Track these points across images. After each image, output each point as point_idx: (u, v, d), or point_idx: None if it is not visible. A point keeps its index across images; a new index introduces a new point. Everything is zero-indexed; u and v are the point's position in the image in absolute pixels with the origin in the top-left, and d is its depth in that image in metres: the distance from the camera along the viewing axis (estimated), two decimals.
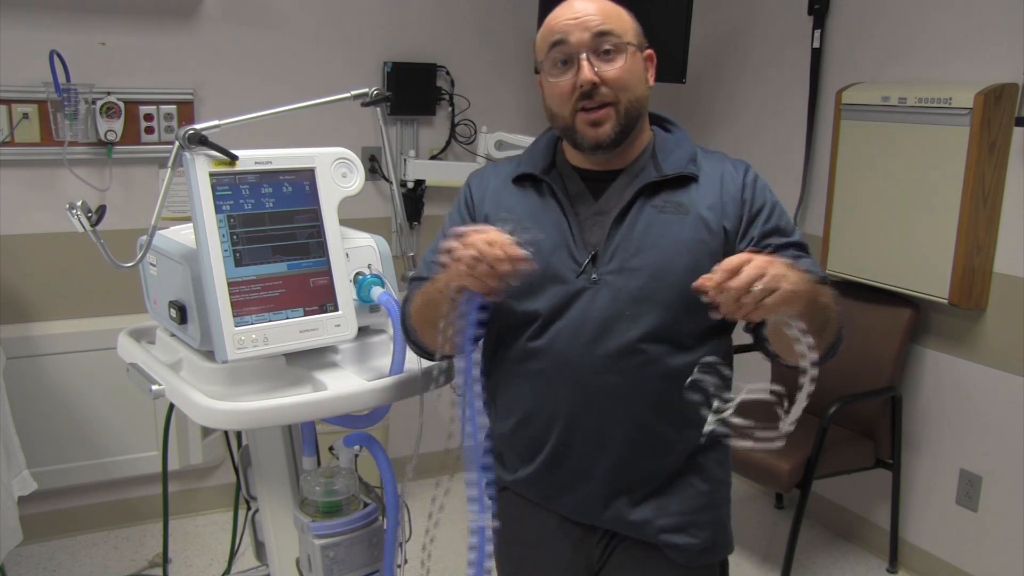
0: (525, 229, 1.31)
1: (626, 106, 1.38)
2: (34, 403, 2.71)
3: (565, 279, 1.39)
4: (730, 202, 1.42)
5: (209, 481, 3.13)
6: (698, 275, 1.26)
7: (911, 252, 2.70)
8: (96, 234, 1.33)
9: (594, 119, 1.37)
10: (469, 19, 3.27)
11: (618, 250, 1.39)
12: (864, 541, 3.07)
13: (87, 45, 2.73)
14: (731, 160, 1.48)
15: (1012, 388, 2.58)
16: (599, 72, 1.35)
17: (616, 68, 1.36)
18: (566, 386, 1.40)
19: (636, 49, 1.39)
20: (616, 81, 1.36)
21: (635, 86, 1.38)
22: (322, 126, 2.45)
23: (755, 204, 1.43)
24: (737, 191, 1.43)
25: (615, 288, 1.38)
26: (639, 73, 1.40)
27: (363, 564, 1.55)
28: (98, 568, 2.79)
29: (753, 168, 1.48)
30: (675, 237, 1.38)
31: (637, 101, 1.39)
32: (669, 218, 1.40)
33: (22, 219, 2.75)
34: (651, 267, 1.37)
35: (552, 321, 1.40)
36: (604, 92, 1.36)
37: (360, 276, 1.51)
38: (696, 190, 1.42)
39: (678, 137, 1.49)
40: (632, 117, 1.39)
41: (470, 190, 1.54)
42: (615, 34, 1.36)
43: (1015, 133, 2.50)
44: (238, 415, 1.34)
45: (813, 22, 3.03)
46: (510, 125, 3.26)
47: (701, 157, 1.47)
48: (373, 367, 1.56)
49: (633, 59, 1.38)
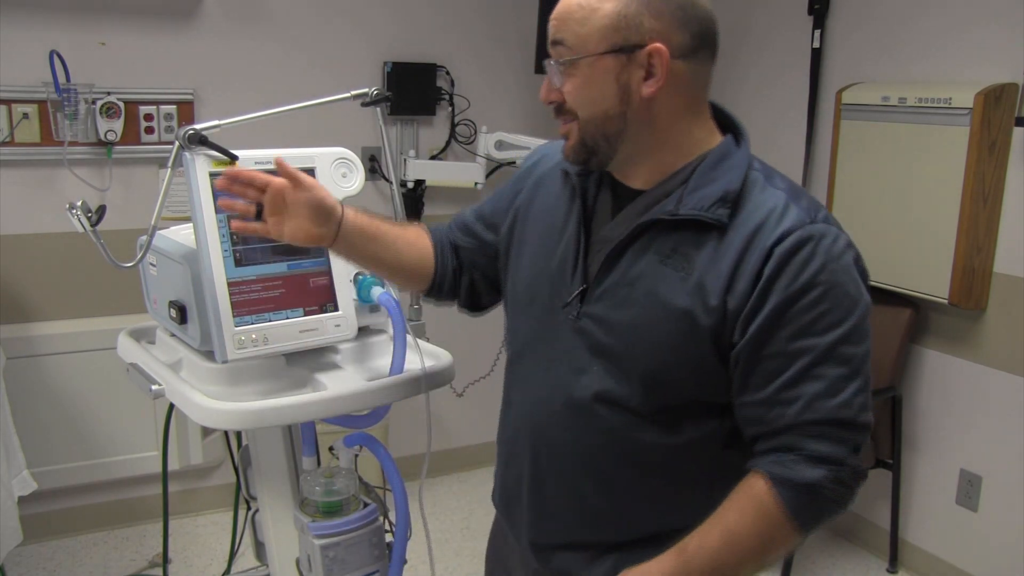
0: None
1: (584, 126, 1.14)
2: (34, 403, 2.71)
3: (553, 305, 1.22)
4: (745, 274, 1.07)
5: (209, 481, 3.13)
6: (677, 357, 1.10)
7: (911, 252, 2.70)
8: (96, 234, 1.33)
9: (562, 132, 1.18)
10: (469, 19, 3.27)
11: (606, 294, 1.17)
12: (864, 541, 3.07)
13: (87, 45, 2.73)
14: (792, 202, 1.10)
15: (1012, 388, 2.58)
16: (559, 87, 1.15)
17: (568, 85, 1.13)
18: (524, 430, 1.26)
19: (599, 57, 1.11)
20: (570, 99, 1.14)
21: (593, 102, 1.13)
22: (322, 126, 2.44)
23: (775, 285, 1.06)
24: (759, 260, 1.07)
25: (592, 338, 1.18)
26: (601, 87, 1.12)
27: (363, 564, 1.54)
28: (98, 568, 2.79)
29: (822, 225, 1.07)
30: (665, 300, 1.11)
31: (598, 120, 1.13)
32: (668, 274, 1.12)
33: (22, 219, 2.75)
34: (630, 328, 1.15)
35: (528, 349, 1.27)
36: (566, 108, 1.15)
37: (360, 276, 1.51)
38: (716, 245, 1.10)
39: (735, 160, 1.14)
40: (596, 137, 1.14)
41: (534, 159, 1.38)
42: (566, 44, 1.12)
43: (1015, 133, 2.50)
44: (238, 415, 1.34)
45: (813, 22, 3.03)
46: (510, 125, 3.26)
47: (757, 192, 1.11)
48: (373, 367, 1.56)
49: (591, 71, 1.11)
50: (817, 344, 1.06)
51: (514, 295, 1.32)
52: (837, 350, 1.07)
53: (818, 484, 1.06)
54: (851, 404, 1.07)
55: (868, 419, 1.10)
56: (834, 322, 1.06)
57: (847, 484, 1.09)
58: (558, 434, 1.21)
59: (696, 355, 1.11)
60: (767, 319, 1.06)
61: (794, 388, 1.07)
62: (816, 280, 1.06)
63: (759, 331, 1.07)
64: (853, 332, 1.08)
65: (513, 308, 1.32)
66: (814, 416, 1.07)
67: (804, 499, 1.07)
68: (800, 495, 1.07)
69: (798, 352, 1.07)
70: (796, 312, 1.06)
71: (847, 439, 1.08)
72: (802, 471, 1.07)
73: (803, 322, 1.06)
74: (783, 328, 1.07)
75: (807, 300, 1.06)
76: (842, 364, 1.07)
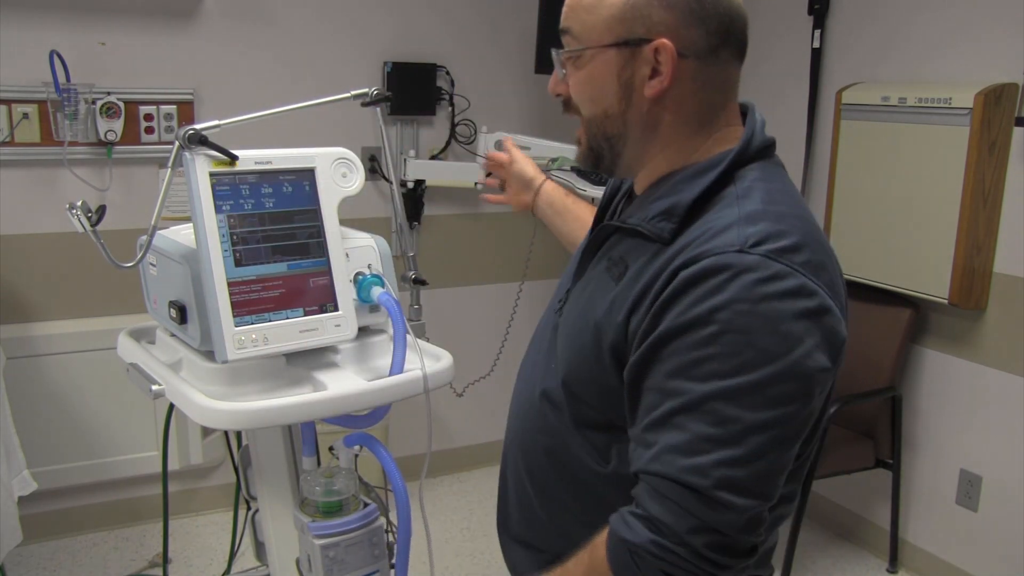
0: None
1: (587, 126, 1.07)
2: (34, 403, 2.71)
3: (553, 306, 1.23)
4: (652, 293, 0.96)
5: (209, 481, 3.13)
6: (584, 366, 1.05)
7: (911, 252, 2.70)
8: (96, 234, 1.33)
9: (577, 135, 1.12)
10: (469, 19, 3.27)
11: (572, 293, 1.16)
12: (864, 541, 3.07)
13: (87, 45, 2.73)
14: (728, 228, 0.94)
15: (1012, 388, 2.58)
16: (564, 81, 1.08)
17: (572, 80, 1.06)
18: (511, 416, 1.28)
19: (602, 50, 1.02)
20: (574, 95, 1.07)
21: (594, 100, 1.05)
22: (322, 126, 2.45)
23: (667, 311, 0.93)
24: (666, 280, 0.94)
25: (554, 337, 1.16)
26: (602, 83, 1.03)
27: (363, 564, 1.54)
28: (98, 568, 2.79)
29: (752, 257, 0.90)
30: (592, 306, 1.05)
31: (599, 120, 1.05)
32: (605, 282, 1.05)
33: (22, 219, 2.75)
34: (566, 330, 1.12)
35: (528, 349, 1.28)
36: (572, 106, 1.09)
37: (360, 276, 1.51)
38: (650, 259, 0.99)
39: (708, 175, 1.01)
40: (598, 139, 1.07)
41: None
42: (572, 33, 1.04)
43: (1015, 133, 2.50)
44: (238, 415, 1.33)
45: (813, 22, 3.03)
46: (510, 125, 3.26)
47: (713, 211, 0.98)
48: (373, 367, 1.55)
49: (593, 66, 1.03)
50: (690, 390, 0.90)
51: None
52: (710, 405, 0.89)
53: (638, 548, 0.91)
54: (706, 473, 0.88)
55: (730, 500, 0.88)
56: (718, 372, 0.89)
57: (679, 561, 0.90)
58: (517, 426, 1.23)
59: (599, 370, 1.03)
60: (651, 347, 0.94)
61: (655, 431, 0.93)
62: (713, 317, 0.89)
63: (642, 358, 0.95)
64: (747, 392, 0.88)
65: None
66: (659, 469, 0.91)
67: (623, 558, 0.93)
68: (620, 553, 0.94)
69: (671, 392, 0.92)
70: (680, 347, 0.91)
71: (690, 511, 0.89)
72: (630, 528, 0.93)
73: (684, 360, 0.91)
74: (665, 361, 0.93)
75: (695, 337, 0.90)
76: (714, 424, 0.89)
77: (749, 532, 0.91)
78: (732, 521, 0.89)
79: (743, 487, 0.89)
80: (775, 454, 0.91)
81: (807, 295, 0.91)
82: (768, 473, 0.91)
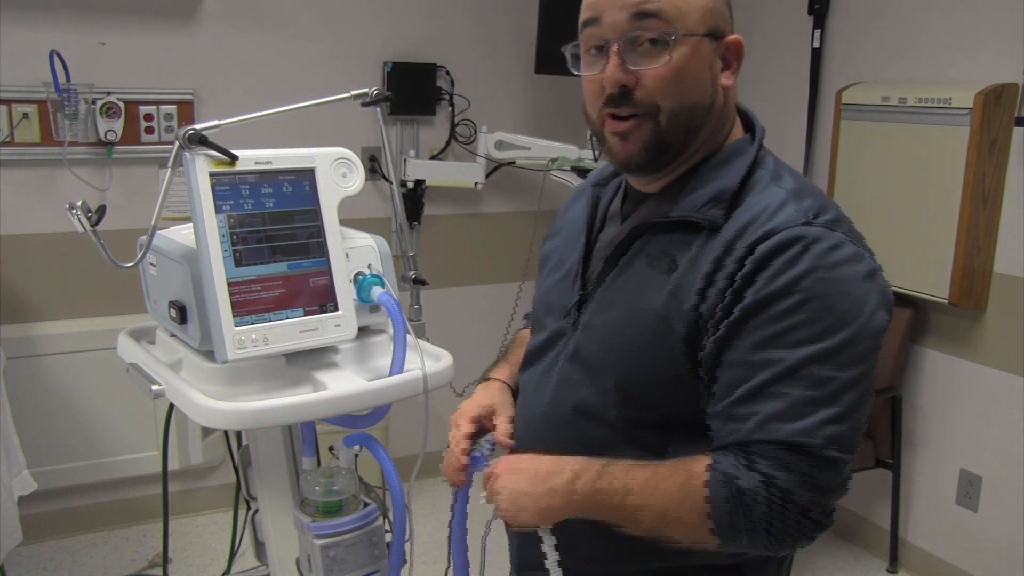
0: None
1: (668, 118, 1.01)
2: (34, 403, 2.71)
3: (555, 315, 1.19)
4: (722, 276, 0.98)
5: (209, 481, 3.13)
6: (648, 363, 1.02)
7: (911, 252, 2.70)
8: (96, 234, 1.33)
9: (620, 130, 1.04)
10: (469, 19, 3.27)
11: (596, 299, 1.11)
12: (864, 541, 3.07)
13: (87, 45, 2.73)
14: (785, 203, 0.99)
15: (1012, 388, 2.58)
16: (636, 70, 1.01)
17: (658, 67, 1.00)
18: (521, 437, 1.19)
19: (701, 38, 1.01)
20: (657, 83, 1.00)
21: (688, 90, 1.01)
22: (322, 126, 2.44)
23: (748, 287, 0.96)
24: (737, 261, 0.97)
25: (576, 345, 1.12)
26: (699, 72, 1.02)
27: (363, 564, 1.54)
28: (98, 568, 2.79)
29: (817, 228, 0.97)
30: (644, 304, 1.03)
31: (688, 111, 1.02)
32: (652, 277, 1.04)
33: (22, 219, 2.75)
34: (606, 331, 1.08)
35: (532, 360, 1.22)
36: (639, 97, 1.01)
37: (360, 276, 1.51)
38: (702, 246, 1.01)
39: (737, 161, 1.06)
40: (679, 132, 1.03)
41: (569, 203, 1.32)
42: (664, 17, 0.99)
43: (1015, 133, 2.50)
44: (238, 415, 1.34)
45: (813, 22, 3.03)
46: (510, 125, 3.26)
47: (758, 191, 1.02)
48: (373, 367, 1.56)
49: (691, 53, 1.01)
50: (784, 358, 0.94)
51: (534, 311, 1.31)
52: (807, 369, 0.93)
53: (749, 493, 0.94)
54: (815, 433, 0.93)
55: (838, 456, 0.94)
56: (808, 337, 0.94)
57: (787, 518, 0.94)
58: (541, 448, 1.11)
59: (667, 362, 1.02)
60: (733, 324, 0.96)
61: (750, 404, 0.95)
62: (795, 286, 0.94)
63: (724, 336, 0.97)
64: (836, 353, 0.94)
65: (533, 324, 1.30)
66: (766, 437, 0.94)
67: (726, 494, 0.95)
68: (723, 489, 0.95)
69: (761, 364, 0.95)
70: (765, 319, 0.95)
71: (802, 471, 0.93)
72: (742, 473, 0.95)
73: (771, 331, 0.95)
74: (748, 335, 0.96)
75: (780, 307, 0.94)
76: (813, 386, 0.93)
77: (843, 489, 0.97)
78: (835, 478, 0.95)
79: (846, 443, 0.95)
80: (863, 409, 0.97)
81: (860, 260, 0.98)
82: (860, 427, 0.97)
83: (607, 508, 0.99)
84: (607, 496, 0.98)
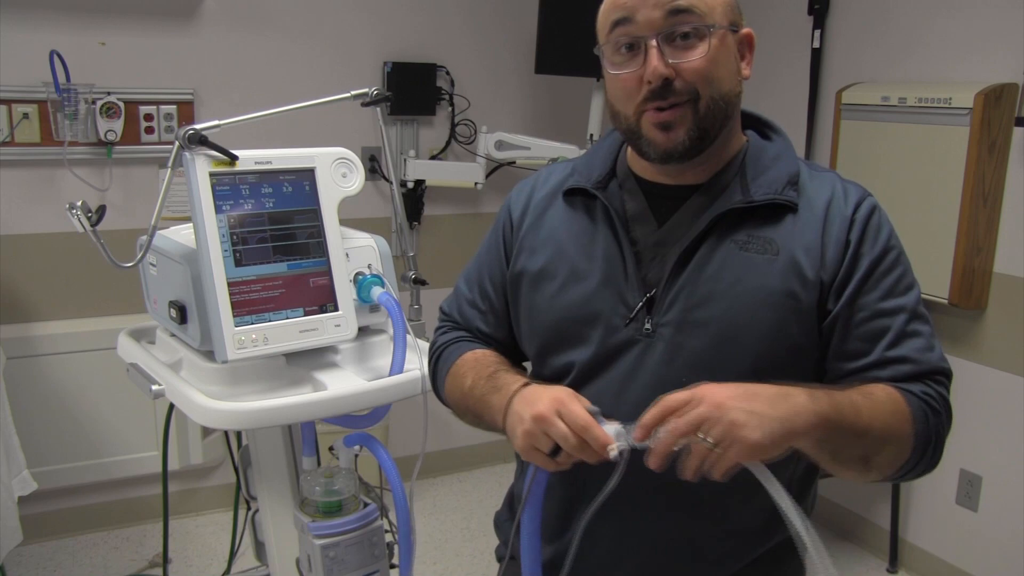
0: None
1: (708, 104, 1.09)
2: (34, 403, 2.71)
3: (612, 325, 1.14)
4: (832, 244, 1.11)
5: (209, 481, 3.13)
6: (783, 340, 1.08)
7: (911, 252, 2.66)
8: (96, 234, 1.33)
9: (664, 120, 1.09)
10: (469, 19, 3.27)
11: (681, 295, 1.11)
12: (864, 541, 3.07)
13: (87, 45, 2.73)
14: (844, 183, 1.16)
15: (1012, 388, 2.58)
16: (674, 63, 1.07)
17: (696, 57, 1.07)
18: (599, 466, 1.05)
19: (727, 31, 1.11)
20: (695, 74, 1.07)
21: (722, 79, 1.10)
22: (322, 126, 2.45)
23: (861, 250, 1.11)
24: (842, 229, 1.11)
25: (673, 346, 1.11)
26: (729, 62, 1.11)
27: (363, 564, 1.54)
28: (98, 568, 2.79)
29: (873, 198, 1.15)
30: (757, 285, 1.09)
31: (723, 98, 1.10)
32: (753, 259, 1.10)
33: (22, 219, 2.75)
34: (721, 323, 1.09)
35: (590, 377, 1.16)
36: (679, 87, 1.07)
37: (360, 276, 1.51)
38: (793, 223, 1.12)
39: (778, 147, 1.19)
40: (716, 119, 1.10)
41: (509, 212, 1.30)
42: (697, 12, 1.07)
43: (1015, 133, 2.50)
44: (238, 415, 1.34)
45: (813, 22, 3.03)
46: (510, 125, 3.26)
47: (806, 177, 1.16)
48: (373, 367, 1.56)
49: (721, 45, 1.09)
50: (905, 304, 1.11)
51: (544, 331, 1.22)
52: (919, 308, 1.12)
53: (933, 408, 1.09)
54: (943, 356, 1.13)
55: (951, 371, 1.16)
56: (911, 283, 1.14)
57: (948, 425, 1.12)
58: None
59: (800, 333, 1.10)
60: (860, 282, 1.10)
61: (899, 347, 1.10)
62: (890, 244, 1.14)
63: (854, 294, 1.10)
64: (920, 292, 1.15)
65: (547, 344, 1.21)
66: (926, 368, 1.10)
67: (923, 412, 1.08)
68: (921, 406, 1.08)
69: (890, 312, 1.10)
70: (880, 274, 1.11)
71: (945, 385, 1.13)
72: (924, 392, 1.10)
73: (888, 284, 1.11)
74: (874, 291, 1.10)
75: (887, 263, 1.12)
76: (926, 321, 1.13)
77: None
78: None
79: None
80: None
81: None
82: None
83: (842, 425, 1.00)
84: (846, 411, 1.01)
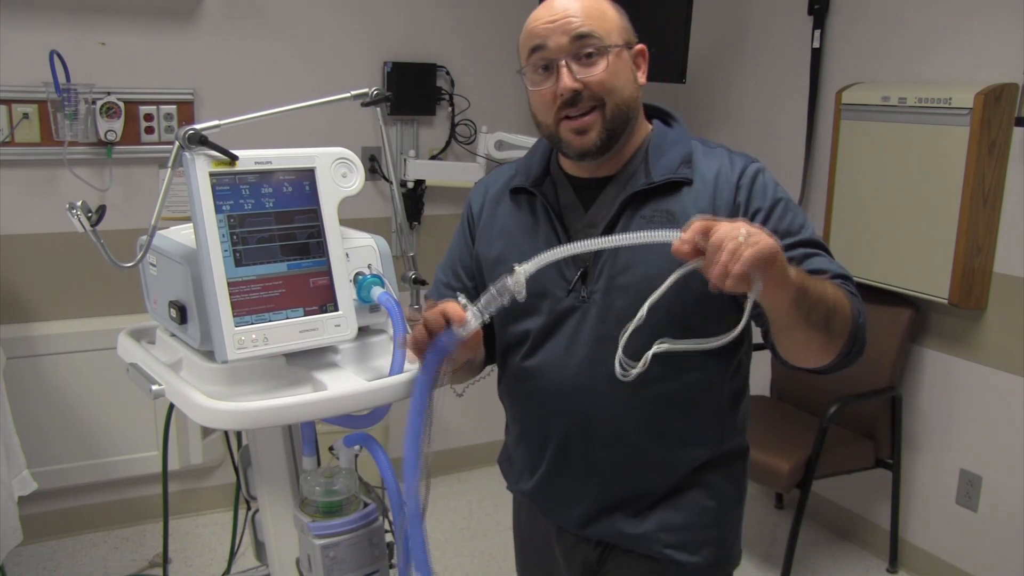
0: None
1: (612, 110, 1.31)
2: (34, 403, 2.71)
3: (556, 296, 1.37)
4: (723, 207, 1.32)
5: (209, 481, 3.13)
6: (688, 293, 1.22)
7: (911, 252, 2.70)
8: (96, 234, 1.33)
9: (578, 126, 1.31)
10: (469, 19, 3.27)
11: (606, 267, 1.33)
12: (864, 541, 3.07)
13: (87, 45, 2.73)
14: (732, 155, 1.37)
15: (1012, 388, 2.58)
16: (582, 77, 1.29)
17: (599, 72, 1.29)
18: (558, 408, 1.39)
19: (622, 48, 1.33)
20: (599, 85, 1.29)
21: (621, 88, 1.31)
22: (322, 126, 2.45)
23: (750, 207, 1.32)
24: (730, 193, 1.33)
25: (603, 307, 1.33)
26: (625, 74, 1.33)
27: (363, 564, 1.54)
28: (98, 568, 2.79)
29: (758, 163, 1.37)
30: (663, 251, 1.18)
31: (624, 104, 1.32)
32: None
33: (22, 219, 2.75)
34: (637, 285, 1.29)
35: (543, 341, 1.39)
36: (587, 96, 1.30)
37: (360, 276, 1.51)
38: (688, 195, 1.33)
39: (675, 134, 1.40)
40: (620, 121, 1.33)
41: (470, 206, 1.54)
42: (596, 36, 1.30)
43: (1015, 133, 2.50)
44: (238, 415, 1.34)
45: (813, 22, 3.03)
46: (510, 125, 3.26)
47: (701, 155, 1.37)
48: (373, 367, 1.56)
49: (618, 60, 1.31)
50: (802, 239, 1.31)
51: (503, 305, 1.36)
52: (815, 239, 1.33)
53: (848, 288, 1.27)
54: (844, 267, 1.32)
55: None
56: (803, 222, 1.33)
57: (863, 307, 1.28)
58: (603, 403, 1.34)
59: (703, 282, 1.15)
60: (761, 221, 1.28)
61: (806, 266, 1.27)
62: (777, 196, 1.33)
63: None
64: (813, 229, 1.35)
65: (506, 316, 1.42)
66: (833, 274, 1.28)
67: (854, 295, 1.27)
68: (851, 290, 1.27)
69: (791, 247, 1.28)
70: (775, 221, 1.30)
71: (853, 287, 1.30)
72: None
73: (783, 228, 1.30)
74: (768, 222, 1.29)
75: (778, 212, 1.31)
76: (825, 250, 1.33)
77: None
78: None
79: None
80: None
81: None
82: None
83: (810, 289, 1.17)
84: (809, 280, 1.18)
